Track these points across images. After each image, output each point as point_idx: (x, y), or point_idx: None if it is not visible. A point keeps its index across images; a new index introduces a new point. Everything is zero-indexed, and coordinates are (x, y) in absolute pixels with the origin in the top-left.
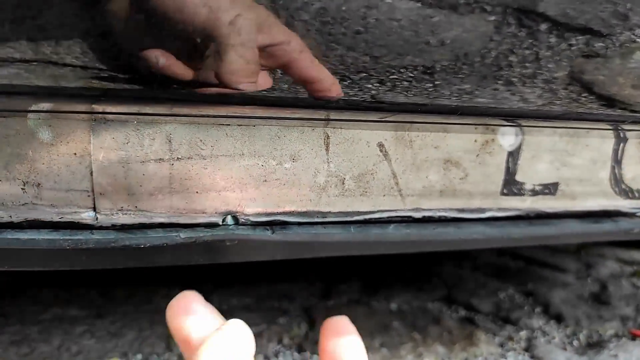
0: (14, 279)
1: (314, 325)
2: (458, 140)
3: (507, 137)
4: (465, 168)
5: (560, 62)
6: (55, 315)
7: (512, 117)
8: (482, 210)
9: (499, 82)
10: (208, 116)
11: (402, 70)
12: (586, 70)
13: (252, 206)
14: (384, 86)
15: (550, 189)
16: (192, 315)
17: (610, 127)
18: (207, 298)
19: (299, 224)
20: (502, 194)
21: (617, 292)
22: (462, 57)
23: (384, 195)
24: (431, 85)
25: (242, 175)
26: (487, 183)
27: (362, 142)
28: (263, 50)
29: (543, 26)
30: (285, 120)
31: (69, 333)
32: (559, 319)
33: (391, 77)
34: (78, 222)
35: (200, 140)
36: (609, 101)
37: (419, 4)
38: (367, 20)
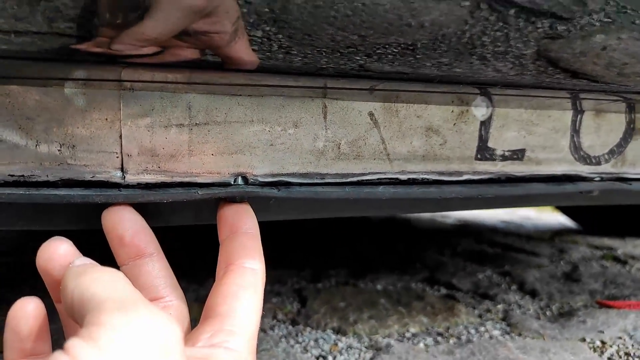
0: (12, 269)
1: (305, 303)
2: (438, 110)
3: (479, 108)
4: (444, 135)
5: (528, 42)
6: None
7: (485, 85)
8: (460, 174)
9: (473, 57)
10: (221, 84)
11: (386, 46)
12: (552, 49)
13: (260, 168)
14: (371, 58)
15: (518, 154)
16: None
17: (569, 100)
18: (202, 284)
19: (301, 184)
20: (476, 158)
21: (587, 271)
22: (440, 37)
23: (374, 159)
24: (413, 58)
25: (252, 140)
26: (463, 149)
27: (355, 111)
28: None
29: (512, 11)
30: (289, 89)
31: None
32: (533, 294)
33: (377, 51)
34: (107, 181)
35: (216, 108)
36: (573, 74)
37: None
38: (355, 4)
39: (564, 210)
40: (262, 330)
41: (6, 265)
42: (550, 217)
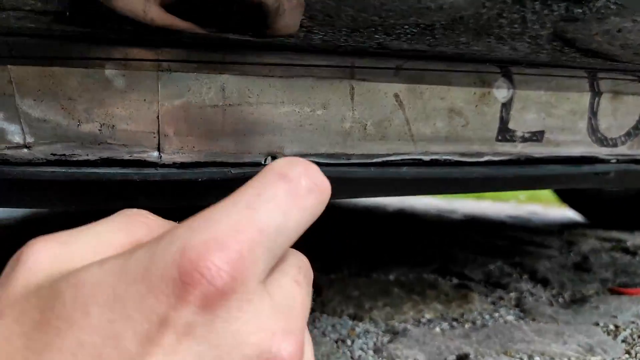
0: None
1: (320, 293)
2: (460, 92)
3: (501, 90)
4: (466, 117)
5: (544, 24)
6: None
7: (506, 64)
8: (481, 155)
9: (491, 37)
10: (254, 64)
11: (405, 26)
12: (568, 30)
13: (290, 147)
14: (390, 37)
15: (537, 136)
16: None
17: (587, 80)
18: None
19: (328, 164)
20: (497, 140)
21: (597, 261)
22: (458, 19)
23: (399, 140)
24: (431, 38)
25: (282, 121)
26: (484, 130)
27: (381, 92)
28: None
29: None
30: (319, 69)
31: None
32: (545, 283)
33: (397, 31)
34: (145, 160)
35: (248, 90)
36: (591, 53)
37: None
38: None
39: (572, 204)
40: None
41: None
42: (557, 212)
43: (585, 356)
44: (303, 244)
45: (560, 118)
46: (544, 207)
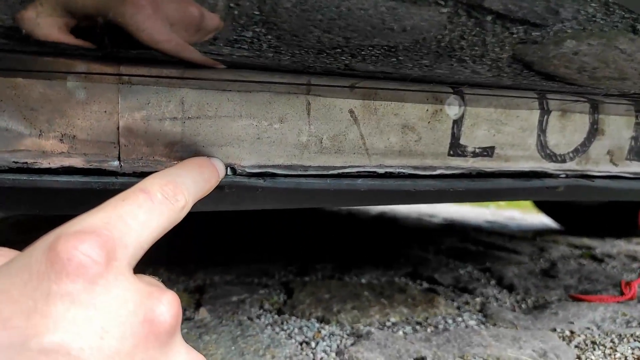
0: None
1: (291, 295)
2: (413, 109)
3: (452, 108)
4: (419, 132)
5: (504, 47)
6: None
7: (458, 84)
8: (433, 168)
9: (453, 59)
10: (212, 80)
11: (369, 48)
12: (526, 53)
13: (248, 160)
14: (355, 59)
15: (487, 151)
16: None
17: (537, 100)
18: (192, 276)
19: (285, 175)
20: (449, 155)
21: (565, 268)
22: (420, 41)
23: (354, 154)
24: (394, 59)
25: (240, 134)
26: (436, 145)
27: (336, 108)
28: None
29: (488, 18)
30: (275, 86)
31: None
32: (510, 288)
33: (361, 52)
34: (105, 169)
35: (207, 104)
36: (547, 76)
37: None
38: (340, 9)
39: (547, 211)
40: (248, 318)
41: None
42: (534, 218)
43: None
44: (282, 246)
45: (510, 134)
46: (522, 212)
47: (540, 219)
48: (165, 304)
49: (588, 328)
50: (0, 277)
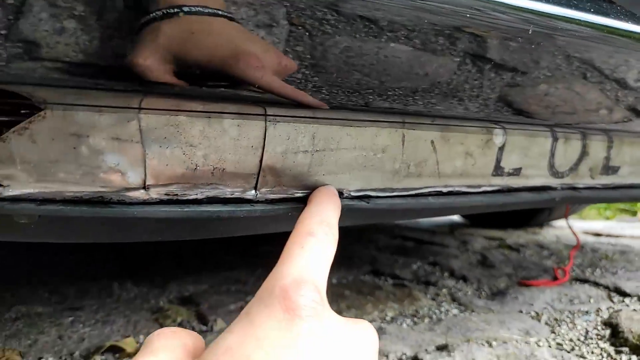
0: None
1: None
2: (474, 139)
3: (498, 137)
4: (475, 157)
5: (494, 89)
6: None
7: (501, 122)
8: (480, 186)
9: (455, 98)
10: (337, 118)
11: (396, 89)
12: (510, 94)
13: (354, 185)
14: (382, 97)
15: (517, 171)
16: None
17: (550, 131)
18: (164, 287)
19: (378, 197)
20: (492, 175)
21: (496, 258)
22: (436, 83)
23: (430, 177)
24: (412, 97)
25: (352, 163)
26: (485, 168)
27: (421, 139)
28: None
29: (487, 66)
30: (377, 124)
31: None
32: (464, 279)
33: (388, 92)
34: (242, 198)
35: (331, 138)
36: (523, 112)
37: (411, 48)
38: (379, 56)
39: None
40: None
41: None
42: None
43: (525, 338)
44: (250, 257)
45: (532, 157)
46: None
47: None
48: (368, 327)
49: (545, 308)
50: (253, 328)
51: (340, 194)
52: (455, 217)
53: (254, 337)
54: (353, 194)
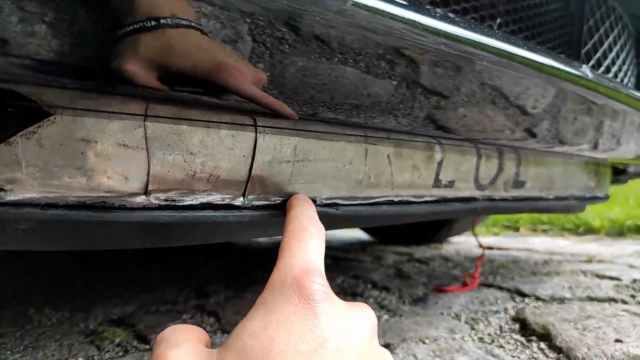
0: None
1: (218, 318)
2: (420, 154)
3: (438, 153)
4: (421, 170)
5: (423, 109)
6: None
7: (438, 137)
8: (423, 196)
9: (391, 115)
10: (314, 131)
11: (344, 105)
12: (435, 114)
13: (325, 193)
14: (337, 110)
15: (451, 184)
16: None
17: (474, 148)
18: (88, 310)
19: (344, 205)
20: (432, 186)
21: (410, 270)
22: (377, 102)
23: (385, 187)
24: (361, 113)
25: (325, 173)
26: (428, 180)
27: (380, 153)
28: None
29: (419, 90)
30: (345, 137)
31: None
32: (387, 289)
33: (339, 107)
34: (231, 204)
35: (310, 149)
36: (449, 130)
37: (358, 71)
38: (331, 77)
39: (364, 228)
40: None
41: None
42: (348, 232)
43: (452, 335)
44: (175, 274)
45: (462, 172)
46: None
47: (354, 234)
48: (367, 309)
49: (462, 309)
50: (273, 314)
51: (314, 201)
52: (364, 236)
53: (275, 321)
54: (324, 201)
